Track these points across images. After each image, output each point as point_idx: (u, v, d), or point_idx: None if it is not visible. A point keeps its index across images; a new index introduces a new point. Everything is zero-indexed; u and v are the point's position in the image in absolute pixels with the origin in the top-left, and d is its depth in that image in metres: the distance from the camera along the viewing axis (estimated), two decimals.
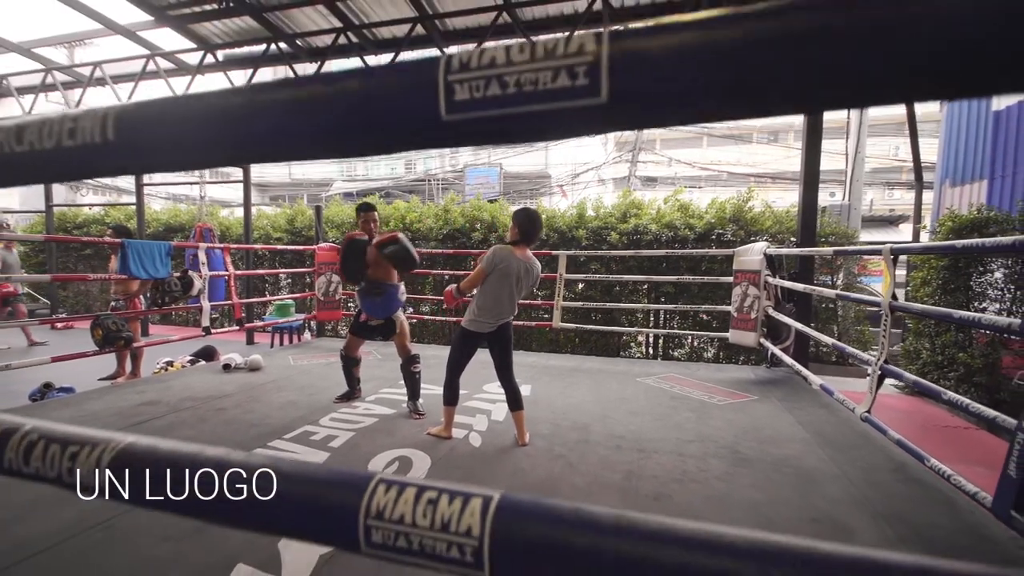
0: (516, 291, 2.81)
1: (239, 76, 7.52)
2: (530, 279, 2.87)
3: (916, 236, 6.43)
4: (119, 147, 0.47)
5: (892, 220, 14.22)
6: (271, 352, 5.61)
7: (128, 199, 11.95)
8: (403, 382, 3.53)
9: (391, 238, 3.22)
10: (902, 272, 5.67)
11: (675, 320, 6.37)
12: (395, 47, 6.55)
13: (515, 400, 2.92)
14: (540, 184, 19.59)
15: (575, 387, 4.20)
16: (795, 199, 5.16)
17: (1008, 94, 0.34)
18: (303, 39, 6.71)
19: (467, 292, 2.91)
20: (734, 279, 4.91)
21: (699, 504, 2.25)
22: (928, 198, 7.34)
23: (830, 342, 3.62)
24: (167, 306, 4.62)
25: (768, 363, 4.96)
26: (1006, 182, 5.67)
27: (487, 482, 2.39)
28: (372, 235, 3.49)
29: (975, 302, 4.18)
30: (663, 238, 6.06)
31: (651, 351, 6.45)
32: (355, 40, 6.55)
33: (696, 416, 3.46)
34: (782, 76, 0.31)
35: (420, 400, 3.45)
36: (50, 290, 8.65)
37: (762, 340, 4.57)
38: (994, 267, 4.17)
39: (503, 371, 2.93)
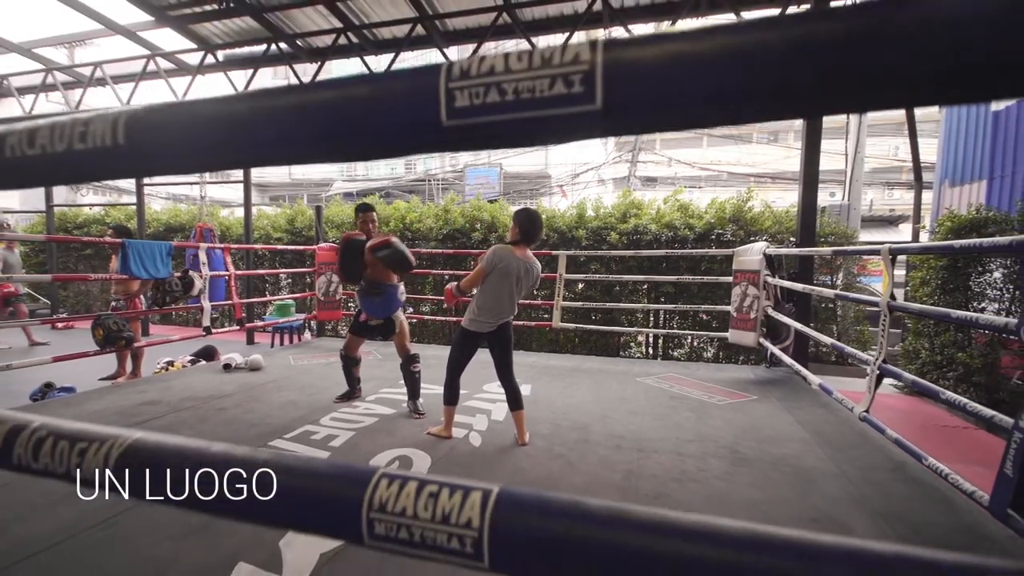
0: (516, 291, 2.82)
1: (239, 76, 7.53)
2: (530, 279, 2.87)
3: (915, 236, 6.44)
4: (130, 150, 0.48)
5: (892, 220, 14.23)
6: (271, 352, 5.62)
7: (128, 199, 11.95)
8: (403, 382, 3.53)
9: (384, 242, 3.20)
10: (901, 272, 5.68)
11: (675, 320, 6.38)
12: (395, 47, 6.56)
13: (515, 400, 2.93)
14: (540, 184, 19.62)
15: (575, 387, 4.21)
16: (795, 199, 5.16)
17: (1008, 99, 0.35)
18: (303, 39, 6.73)
19: (467, 291, 2.91)
20: (734, 279, 4.92)
21: (698, 503, 2.26)
22: (927, 198, 7.35)
23: (829, 342, 3.63)
24: (168, 306, 4.63)
25: (767, 363, 4.98)
26: (1005, 182, 5.68)
27: (487, 481, 2.39)
28: (370, 235, 3.49)
29: (974, 302, 4.19)
30: (663, 238, 6.07)
31: (651, 351, 6.46)
32: (355, 40, 6.56)
33: (696, 416, 3.47)
34: (770, 85, 0.32)
35: (420, 400, 3.45)
36: (51, 290, 8.66)
37: (761, 340, 4.58)
38: (993, 267, 4.18)
39: (503, 371, 2.94)
